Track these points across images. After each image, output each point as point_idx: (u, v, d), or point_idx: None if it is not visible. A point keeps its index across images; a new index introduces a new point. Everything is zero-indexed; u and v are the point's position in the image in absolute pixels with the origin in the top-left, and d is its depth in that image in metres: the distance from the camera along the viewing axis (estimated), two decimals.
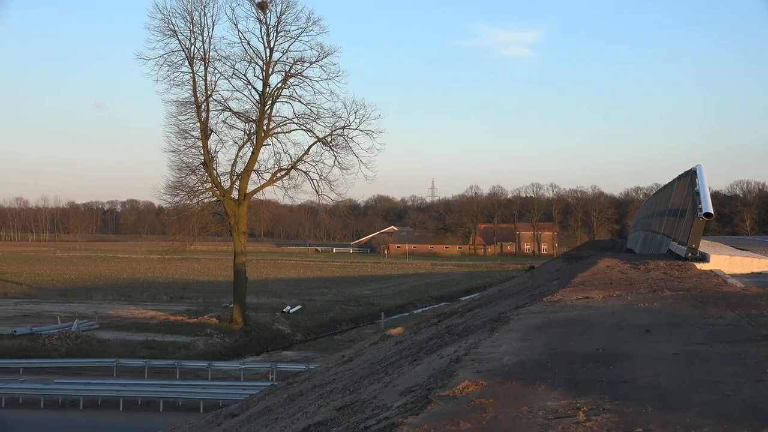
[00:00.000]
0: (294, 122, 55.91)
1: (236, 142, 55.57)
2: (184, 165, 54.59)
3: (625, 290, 10.85)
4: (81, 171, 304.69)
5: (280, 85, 55.44)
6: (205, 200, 56.34)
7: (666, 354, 6.40)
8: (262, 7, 53.80)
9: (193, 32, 53.40)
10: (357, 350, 21.43)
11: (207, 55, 53.85)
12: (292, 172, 56.02)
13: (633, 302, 9.66)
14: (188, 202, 55.77)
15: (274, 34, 54.31)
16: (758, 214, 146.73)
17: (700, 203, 13.91)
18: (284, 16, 53.96)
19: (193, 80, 53.86)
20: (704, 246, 15.94)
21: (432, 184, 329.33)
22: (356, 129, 54.76)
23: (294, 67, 55.01)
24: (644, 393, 5.15)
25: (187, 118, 54.25)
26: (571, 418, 4.63)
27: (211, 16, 54.14)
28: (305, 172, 56.03)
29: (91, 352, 43.57)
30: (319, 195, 56.40)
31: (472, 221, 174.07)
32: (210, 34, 53.96)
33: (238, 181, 55.27)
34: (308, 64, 54.68)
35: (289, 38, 54.46)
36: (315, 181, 55.81)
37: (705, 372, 5.68)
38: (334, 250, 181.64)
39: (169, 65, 53.34)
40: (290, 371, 34.49)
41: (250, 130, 55.23)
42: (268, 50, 54.55)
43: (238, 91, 55.42)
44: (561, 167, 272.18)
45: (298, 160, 55.84)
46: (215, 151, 55.04)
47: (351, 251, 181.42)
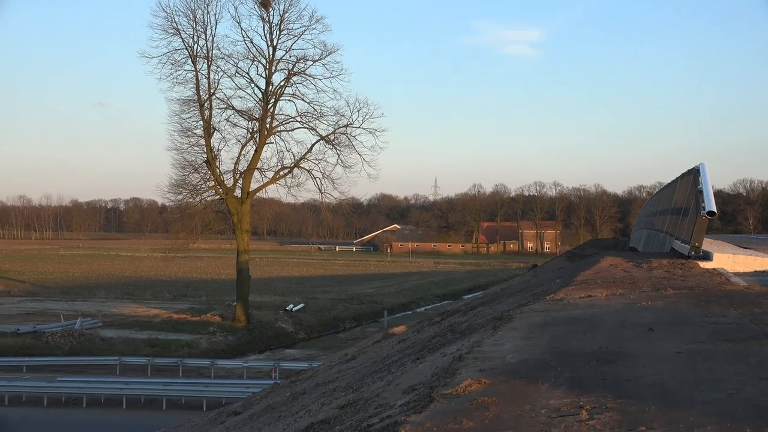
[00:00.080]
0: (297, 120, 56.01)
1: (239, 140, 55.72)
2: (187, 163, 54.71)
3: (628, 289, 10.84)
4: (84, 169, 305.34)
5: (283, 84, 55.49)
6: (208, 198, 56.40)
7: (669, 352, 6.40)
8: (265, 5, 53.76)
9: (196, 30, 53.49)
10: (360, 348, 21.42)
11: (210, 53, 53.93)
12: (295, 170, 56.10)
13: (636, 301, 9.66)
14: (191, 200, 55.83)
15: (277, 33, 54.39)
16: (761, 212, 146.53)
17: (703, 201, 13.91)
18: (287, 14, 54.06)
19: (196, 78, 53.92)
20: (707, 244, 15.92)
21: (435, 182, 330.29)
22: (359, 127, 54.88)
23: (297, 65, 55.08)
24: (647, 391, 5.15)
25: (190, 116, 54.34)
26: (574, 417, 4.63)
27: (214, 14, 54.21)
28: (308, 171, 56.14)
29: (94, 350, 43.61)
30: (322, 193, 56.56)
31: (475, 219, 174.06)
32: (213, 32, 54.12)
33: (241, 179, 55.31)
34: (311, 63, 54.75)
35: (292, 36, 54.55)
36: (318, 180, 55.98)
37: (708, 370, 5.68)
38: (337, 249, 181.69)
39: (172, 63, 53.42)
40: (293, 369, 34.47)
41: (253, 128, 55.28)
42: (271, 48, 54.64)
43: (241, 89, 55.51)
44: (564, 165, 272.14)
45: (301, 159, 55.90)
46: (218, 149, 55.13)
47: (354, 249, 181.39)
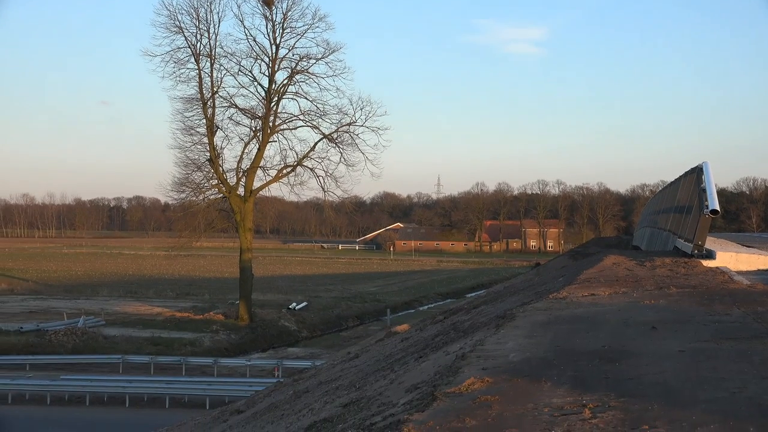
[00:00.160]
0: (300, 119, 56.00)
1: (242, 139, 55.73)
2: (190, 161, 54.71)
3: (631, 287, 10.83)
4: (87, 167, 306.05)
5: (286, 82, 55.46)
6: (211, 197, 56.39)
7: (672, 351, 6.39)
8: (268, 3, 53.73)
9: (199, 29, 53.48)
10: (363, 347, 21.45)
11: (213, 52, 53.92)
12: (298, 168, 56.08)
13: (639, 299, 9.65)
14: (194, 198, 55.88)
15: (280, 31, 54.36)
16: (765, 211, 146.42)
17: (707, 200, 13.89)
18: (290, 12, 54.00)
19: (199, 77, 53.90)
20: (710, 243, 15.90)
21: (438, 180, 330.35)
22: (362, 126, 54.77)
23: (300, 63, 55.03)
24: (650, 390, 5.14)
25: (193, 115, 54.35)
26: (577, 415, 4.63)
27: (217, 13, 54.18)
28: (311, 169, 56.13)
29: (98, 349, 43.65)
30: (325, 192, 56.50)
31: (478, 218, 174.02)
32: (216, 31, 54.02)
33: (244, 178, 55.30)
34: (314, 61, 54.70)
35: (295, 35, 54.51)
36: (321, 178, 55.94)
37: (711, 369, 5.68)
38: (340, 247, 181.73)
39: (175, 62, 53.41)
40: (296, 368, 34.50)
41: (256, 127, 55.29)
42: (274, 47, 54.60)
43: (244, 87, 55.50)
44: (567, 164, 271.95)
45: (303, 157, 55.89)
46: (221, 148, 55.12)
47: (357, 248, 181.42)
